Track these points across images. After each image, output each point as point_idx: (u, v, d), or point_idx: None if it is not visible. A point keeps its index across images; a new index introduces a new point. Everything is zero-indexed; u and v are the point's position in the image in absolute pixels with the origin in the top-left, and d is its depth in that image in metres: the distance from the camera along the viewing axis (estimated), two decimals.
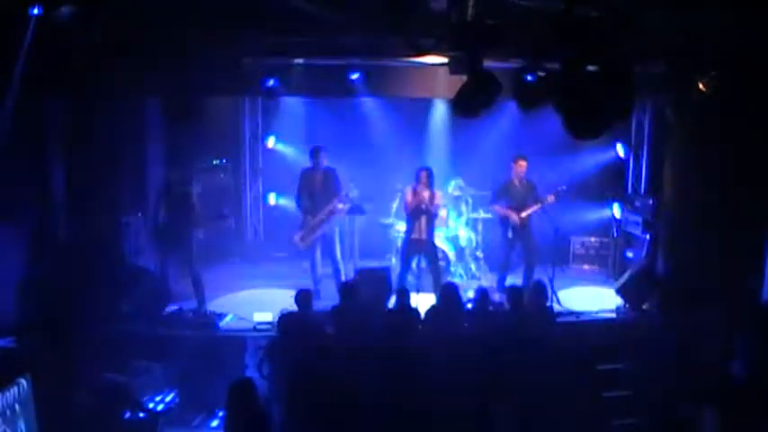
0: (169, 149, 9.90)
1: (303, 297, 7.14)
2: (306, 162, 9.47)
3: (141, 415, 6.65)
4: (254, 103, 11.67)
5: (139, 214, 9.39)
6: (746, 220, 8.25)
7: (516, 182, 9.33)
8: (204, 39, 7.66)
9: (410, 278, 9.06)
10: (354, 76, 9.22)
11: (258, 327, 8.04)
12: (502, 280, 9.31)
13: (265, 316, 8.05)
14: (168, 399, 7.49)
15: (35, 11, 6.37)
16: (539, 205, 9.22)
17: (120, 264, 8.62)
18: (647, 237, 9.78)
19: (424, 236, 9.00)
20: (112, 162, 8.37)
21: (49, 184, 7.73)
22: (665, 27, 6.85)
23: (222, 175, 11.31)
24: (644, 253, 9.75)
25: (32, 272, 7.55)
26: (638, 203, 10.28)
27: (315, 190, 9.18)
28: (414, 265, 9.12)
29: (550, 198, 9.21)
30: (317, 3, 6.73)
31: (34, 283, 7.43)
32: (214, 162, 11.24)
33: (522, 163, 9.29)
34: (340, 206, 9.26)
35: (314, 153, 9.23)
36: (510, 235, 9.30)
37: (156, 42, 7.52)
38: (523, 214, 9.22)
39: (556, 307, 8.42)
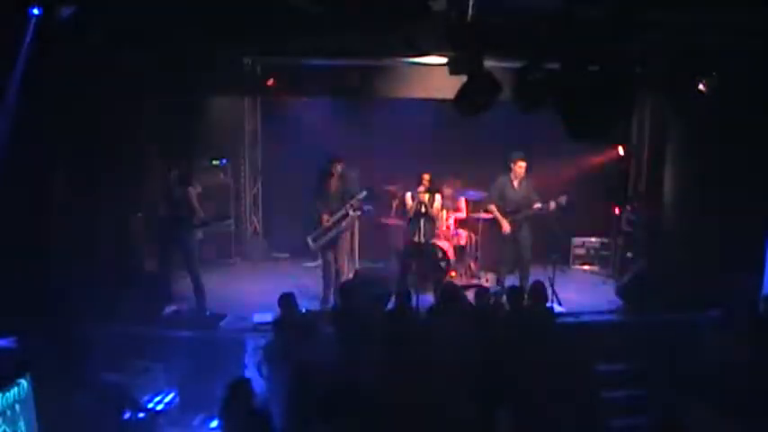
0: (169, 149, 9.90)
1: (286, 300, 7.13)
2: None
3: (141, 415, 6.65)
4: (254, 103, 11.67)
5: (139, 214, 9.40)
6: (746, 220, 8.25)
7: (515, 183, 9.16)
8: (204, 39, 7.66)
9: (410, 279, 9.05)
10: (354, 76, 9.22)
11: (258, 327, 8.04)
12: (501, 280, 9.29)
13: (265, 316, 8.05)
14: (168, 399, 7.49)
15: (35, 11, 6.37)
16: (537, 209, 9.07)
17: (120, 264, 8.63)
18: (648, 237, 9.78)
19: (423, 239, 8.99)
20: (112, 162, 8.37)
21: (49, 183, 7.73)
22: (665, 27, 6.85)
23: (222, 175, 11.32)
24: (644, 253, 9.75)
25: (33, 272, 7.55)
26: (638, 203, 10.27)
27: (330, 193, 9.07)
28: (414, 266, 9.11)
29: (551, 206, 8.99)
30: (318, 3, 6.73)
31: (34, 283, 7.43)
32: (214, 162, 11.25)
33: (521, 163, 9.11)
34: (352, 211, 9.14)
35: (332, 163, 9.02)
36: (506, 237, 9.20)
37: (157, 42, 7.53)
38: (519, 216, 9.09)
39: (556, 307, 8.42)
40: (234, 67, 9.18)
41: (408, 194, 9.01)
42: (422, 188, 8.87)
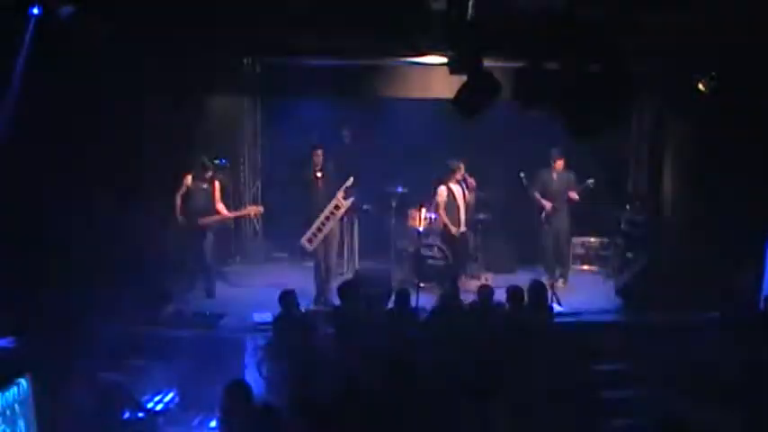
0: (169, 149, 9.89)
1: (287, 298, 7.12)
2: (304, 162, 9.44)
3: (141, 415, 6.64)
4: (254, 103, 11.65)
5: (139, 214, 9.39)
6: (746, 220, 8.25)
7: (554, 174, 9.79)
8: (204, 38, 7.66)
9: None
10: (354, 76, 9.23)
11: (258, 327, 8.04)
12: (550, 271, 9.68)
13: (265, 316, 8.05)
14: (168, 399, 7.48)
15: (35, 11, 6.37)
16: (570, 197, 9.64)
17: (119, 263, 8.62)
18: (647, 237, 9.79)
19: (461, 228, 9.36)
20: (112, 161, 8.36)
21: (48, 183, 7.72)
22: (666, 27, 6.86)
23: (222, 176, 11.29)
24: (644, 253, 9.75)
25: (32, 271, 7.55)
26: (638, 203, 10.28)
27: (316, 189, 9.03)
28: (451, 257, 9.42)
29: (573, 195, 9.63)
30: (318, 3, 6.74)
31: (34, 283, 7.43)
32: (214, 162, 11.22)
33: (558, 161, 9.75)
34: (343, 200, 9.03)
35: (310, 153, 9.08)
36: (545, 224, 9.77)
37: (156, 42, 7.53)
38: (556, 204, 9.65)
39: (556, 307, 8.42)
40: (234, 67, 9.17)
41: (443, 187, 9.35)
42: (455, 179, 9.30)
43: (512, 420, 6.13)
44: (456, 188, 9.39)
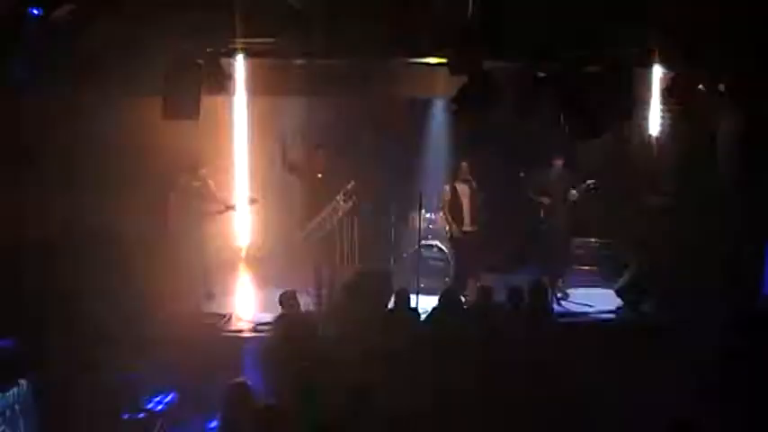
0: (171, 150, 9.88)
1: (288, 298, 7.12)
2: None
3: (140, 415, 6.64)
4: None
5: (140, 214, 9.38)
6: (746, 220, 8.26)
7: (554, 174, 9.74)
8: (203, 38, 7.65)
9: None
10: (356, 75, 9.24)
11: (258, 327, 8.04)
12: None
13: (265, 316, 8.05)
14: (168, 399, 7.47)
15: (35, 11, 6.36)
16: (568, 197, 9.52)
17: (120, 263, 8.62)
18: (647, 237, 9.79)
19: (466, 227, 9.37)
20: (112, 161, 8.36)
21: (49, 183, 7.72)
22: (666, 27, 6.86)
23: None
24: (643, 253, 9.75)
25: (33, 270, 7.55)
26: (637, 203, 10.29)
27: (315, 189, 9.07)
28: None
29: (573, 194, 9.50)
30: (317, 2, 6.73)
31: (34, 283, 7.43)
32: None
33: (558, 161, 9.70)
34: (342, 203, 9.07)
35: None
36: (545, 224, 9.65)
37: (156, 42, 7.51)
38: (556, 204, 9.57)
39: (555, 307, 8.43)
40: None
41: (447, 187, 9.44)
42: (462, 177, 9.27)
43: (511, 421, 6.14)
44: (460, 187, 9.37)
